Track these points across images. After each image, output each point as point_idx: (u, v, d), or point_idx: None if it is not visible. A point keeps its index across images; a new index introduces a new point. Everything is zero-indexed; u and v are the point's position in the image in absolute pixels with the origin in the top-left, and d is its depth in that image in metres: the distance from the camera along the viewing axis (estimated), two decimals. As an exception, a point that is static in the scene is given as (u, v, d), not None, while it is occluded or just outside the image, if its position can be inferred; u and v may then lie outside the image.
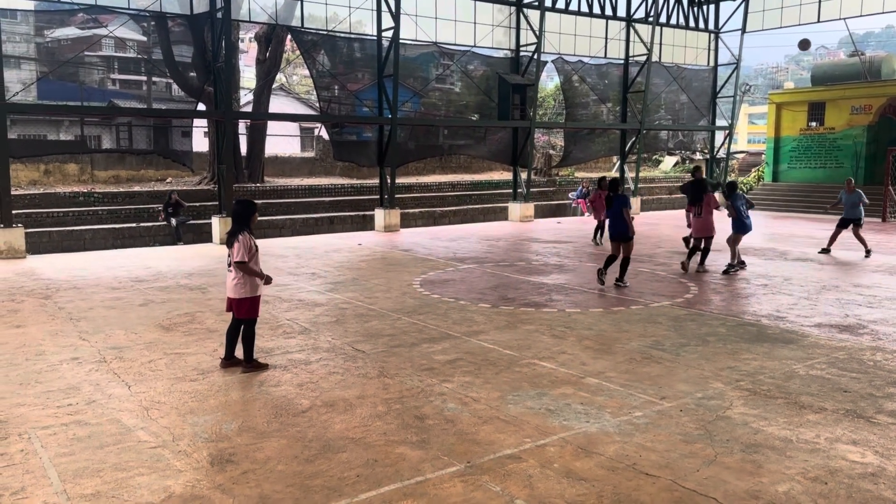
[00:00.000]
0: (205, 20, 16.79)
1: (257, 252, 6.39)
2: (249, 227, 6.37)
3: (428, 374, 6.33)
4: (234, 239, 6.24)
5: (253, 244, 6.30)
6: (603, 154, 28.48)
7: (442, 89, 22.68)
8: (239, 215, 6.41)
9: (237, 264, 6.23)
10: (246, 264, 6.22)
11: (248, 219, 6.40)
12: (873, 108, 25.12)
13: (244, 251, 6.20)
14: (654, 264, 13.02)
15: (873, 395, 5.75)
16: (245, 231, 6.29)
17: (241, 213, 6.42)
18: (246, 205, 6.51)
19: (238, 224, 6.35)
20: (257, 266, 6.39)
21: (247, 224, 6.37)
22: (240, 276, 6.29)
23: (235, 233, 6.28)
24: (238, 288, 6.32)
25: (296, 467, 4.43)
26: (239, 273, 6.29)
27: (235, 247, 6.22)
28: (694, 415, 5.33)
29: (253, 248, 6.29)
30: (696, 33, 27.35)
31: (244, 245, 6.21)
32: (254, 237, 6.39)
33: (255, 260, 6.34)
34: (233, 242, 6.25)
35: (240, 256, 6.20)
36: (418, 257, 14.15)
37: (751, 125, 54.20)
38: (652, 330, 8.02)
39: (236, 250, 6.22)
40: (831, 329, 8.07)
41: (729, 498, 4.00)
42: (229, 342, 6.59)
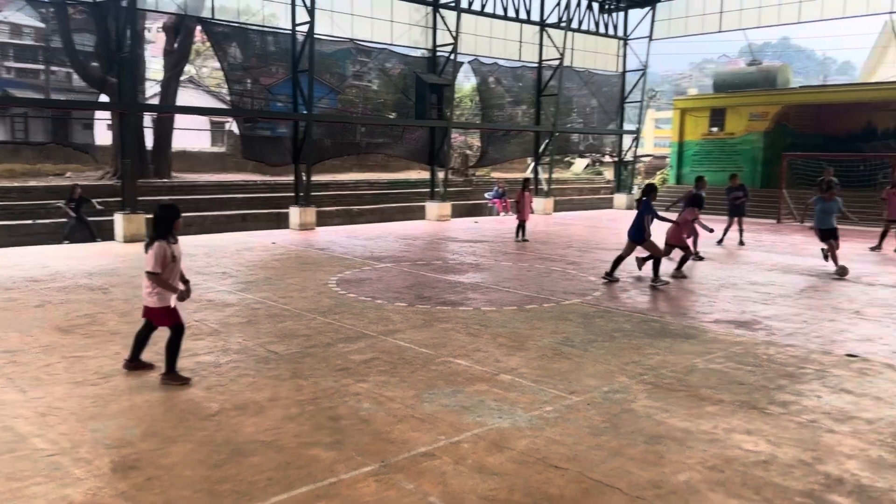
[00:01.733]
0: (109, 8, 16.03)
1: (177, 262, 6.00)
2: (171, 235, 5.96)
3: (343, 375, 6.29)
4: (148, 248, 5.87)
5: (169, 254, 5.89)
6: (518, 155, 29.02)
7: (359, 86, 22.55)
8: (161, 221, 5.96)
9: (148, 275, 5.86)
10: (158, 276, 5.84)
11: (169, 225, 5.95)
12: (769, 115, 26.63)
13: (155, 262, 5.81)
14: (566, 263, 13.37)
15: (766, 387, 6.11)
16: (163, 240, 5.88)
17: (163, 218, 5.96)
18: (168, 210, 6.03)
19: (158, 230, 5.93)
20: (174, 277, 6.00)
21: (168, 231, 5.94)
22: (147, 284, 5.96)
23: (153, 240, 5.88)
24: (148, 296, 5.98)
25: (203, 472, 4.31)
26: (147, 282, 5.96)
27: (149, 255, 5.83)
28: (601, 408, 5.52)
29: (168, 258, 5.88)
30: (605, 40, 28.24)
31: (157, 255, 5.82)
32: (174, 245, 5.98)
33: (171, 270, 5.94)
34: (146, 250, 5.88)
35: (150, 267, 5.83)
36: (335, 256, 14.01)
37: (657, 129, 56.42)
38: (563, 327, 8.24)
39: (149, 259, 5.83)
40: (729, 325, 8.52)
41: (633, 488, 4.17)
42: (136, 344, 6.30)
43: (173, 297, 5.98)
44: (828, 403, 5.70)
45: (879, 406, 5.65)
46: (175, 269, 6.02)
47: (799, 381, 6.31)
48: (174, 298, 5.98)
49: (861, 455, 4.68)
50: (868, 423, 5.26)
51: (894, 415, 5.45)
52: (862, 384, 6.22)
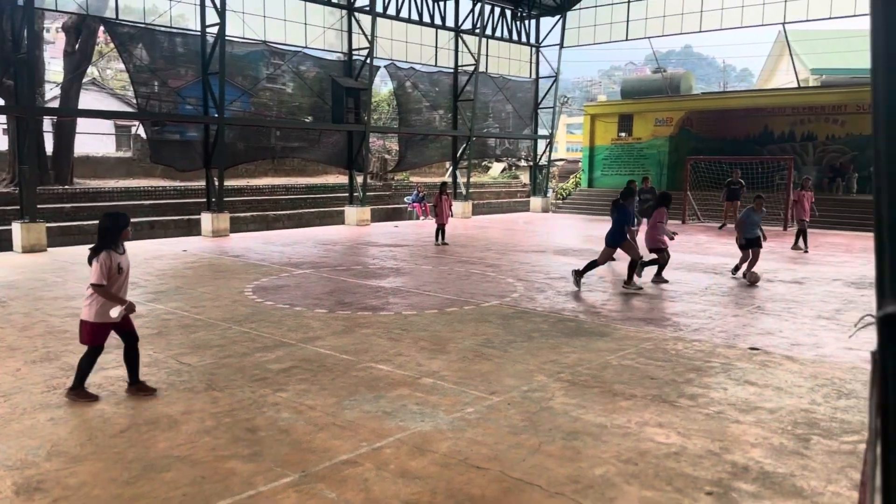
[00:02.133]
0: (4, 7, 15.16)
1: (124, 274, 5.66)
2: (116, 245, 5.62)
3: (261, 385, 6.15)
4: (93, 258, 5.52)
5: (115, 266, 5.55)
6: (437, 159, 29.21)
7: (273, 89, 22.10)
8: (105, 231, 5.61)
9: (93, 286, 5.52)
10: (103, 288, 5.50)
11: (115, 235, 5.62)
12: (674, 120, 27.84)
13: (100, 274, 5.46)
14: (485, 266, 13.54)
15: (675, 381, 6.37)
16: (109, 250, 5.55)
17: (108, 228, 5.61)
18: (114, 219, 5.67)
19: (102, 240, 5.58)
20: (121, 290, 5.65)
21: (113, 241, 5.61)
22: (88, 294, 5.60)
23: (97, 251, 5.53)
24: (84, 308, 5.63)
25: (115, 490, 4.12)
26: (89, 292, 5.59)
27: (93, 267, 5.49)
28: (520, 407, 5.61)
29: (114, 269, 5.54)
30: (519, 46, 28.84)
31: (103, 267, 5.47)
32: (121, 256, 5.65)
33: (117, 283, 5.61)
34: (91, 262, 5.53)
35: (95, 279, 5.49)
36: (250, 263, 13.69)
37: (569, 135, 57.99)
38: (483, 329, 8.34)
39: (93, 271, 5.49)
40: (639, 322, 8.83)
41: (552, 484, 4.27)
42: (127, 364, 5.90)
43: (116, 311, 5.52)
44: (733, 395, 5.99)
45: (780, 396, 5.99)
46: (122, 281, 5.66)
47: (706, 374, 6.61)
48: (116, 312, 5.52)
49: (764, 443, 4.94)
50: (770, 413, 5.56)
51: (794, 404, 5.79)
52: (764, 376, 6.58)
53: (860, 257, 15.26)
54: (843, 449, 4.84)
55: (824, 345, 7.75)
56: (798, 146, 26.51)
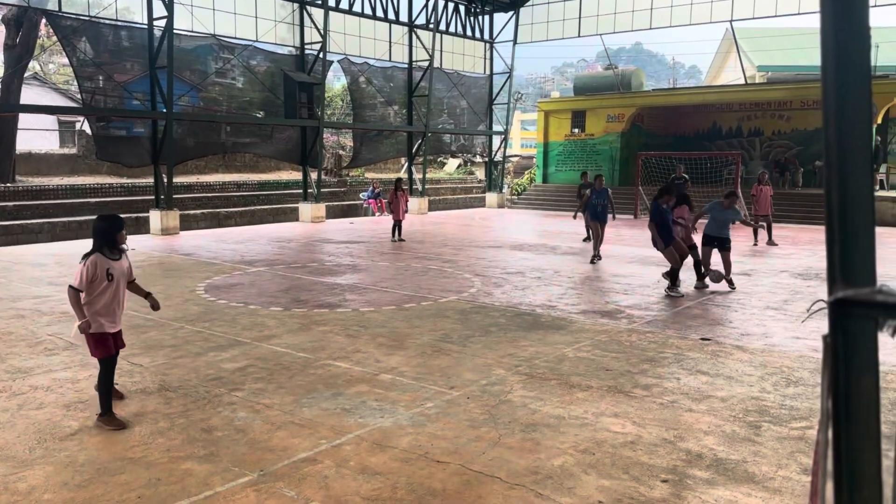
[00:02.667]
0: (-65, -5, 14.53)
1: (115, 281, 5.15)
2: (111, 249, 5.18)
3: (215, 384, 6.05)
4: (82, 259, 5.11)
5: (102, 272, 5.06)
6: (392, 155, 29.11)
7: (223, 84, 21.70)
8: (99, 232, 5.17)
9: (69, 288, 5.09)
10: (75, 293, 5.04)
11: (111, 237, 5.17)
12: (625, 116, 28.28)
13: (79, 277, 5.03)
14: (442, 261, 13.56)
15: (630, 372, 6.49)
16: (100, 254, 5.10)
17: (102, 229, 5.17)
18: (108, 220, 5.24)
19: (95, 243, 5.15)
20: (109, 299, 5.14)
21: (108, 244, 5.16)
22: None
23: (88, 253, 5.12)
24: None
25: (66, 495, 4.01)
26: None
27: (78, 268, 5.08)
28: (479, 401, 5.64)
29: (100, 276, 5.05)
30: (473, 42, 28.90)
31: (86, 270, 5.02)
32: (115, 262, 5.18)
33: (105, 290, 5.10)
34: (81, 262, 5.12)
35: (73, 280, 5.08)
36: (202, 261, 13.43)
37: (523, 131, 58.45)
38: (441, 324, 8.35)
39: (76, 272, 5.07)
40: (594, 315, 8.97)
41: (512, 476, 4.30)
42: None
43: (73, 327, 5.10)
44: (686, 384, 6.13)
45: (731, 385, 6.15)
46: (112, 289, 5.15)
47: (659, 364, 6.75)
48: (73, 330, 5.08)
49: (717, 431, 5.07)
50: (722, 401, 5.71)
51: (745, 392, 5.95)
52: (715, 365, 6.75)
53: (806, 249, 15.77)
54: (792, 435, 5.00)
55: (773, 334, 7.98)
56: (745, 141, 27.24)
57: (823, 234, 1.17)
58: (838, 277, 1.12)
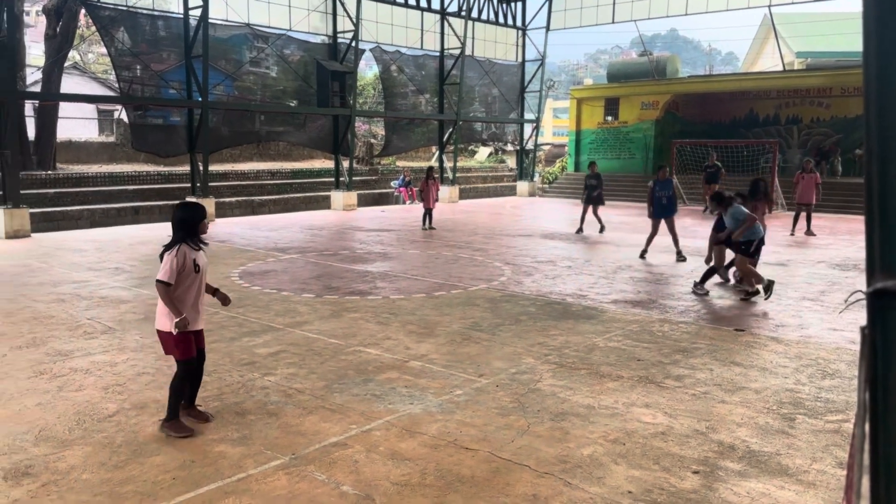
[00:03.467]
0: (-20, -12, 14.86)
1: (201, 273, 4.84)
2: (194, 239, 4.84)
3: (249, 369, 6.14)
4: (165, 251, 4.75)
5: (190, 263, 4.74)
6: (423, 144, 29.11)
7: (257, 73, 21.89)
8: (182, 222, 4.80)
9: (158, 283, 4.70)
10: (167, 287, 4.66)
11: (193, 227, 4.82)
12: (660, 103, 27.87)
13: (169, 270, 4.66)
14: (473, 250, 13.55)
15: (662, 363, 6.43)
16: (184, 244, 4.75)
17: (185, 219, 4.81)
18: (190, 209, 4.89)
19: (178, 233, 4.79)
20: (193, 293, 4.82)
21: (191, 234, 4.82)
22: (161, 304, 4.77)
23: (170, 244, 4.77)
24: (160, 317, 4.80)
25: (104, 475, 4.11)
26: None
27: (164, 261, 4.71)
28: (509, 389, 5.64)
29: (189, 267, 4.73)
30: (505, 30, 28.68)
31: (174, 262, 4.67)
32: (198, 252, 4.84)
33: (192, 284, 4.80)
34: (162, 255, 4.76)
35: (162, 274, 4.67)
36: (236, 248, 13.62)
37: (555, 119, 57.90)
38: (471, 312, 8.36)
39: (162, 265, 4.70)
40: (626, 304, 8.89)
41: (541, 464, 4.30)
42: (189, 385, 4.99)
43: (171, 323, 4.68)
44: (719, 375, 6.06)
45: (766, 376, 6.06)
46: (198, 282, 4.86)
47: (692, 355, 6.67)
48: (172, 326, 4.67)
49: (750, 422, 5.00)
50: (756, 393, 5.63)
51: (779, 384, 5.86)
52: (749, 356, 6.65)
53: (844, 239, 15.42)
54: (827, 428, 4.91)
55: (809, 326, 7.84)
56: (783, 129, 26.64)
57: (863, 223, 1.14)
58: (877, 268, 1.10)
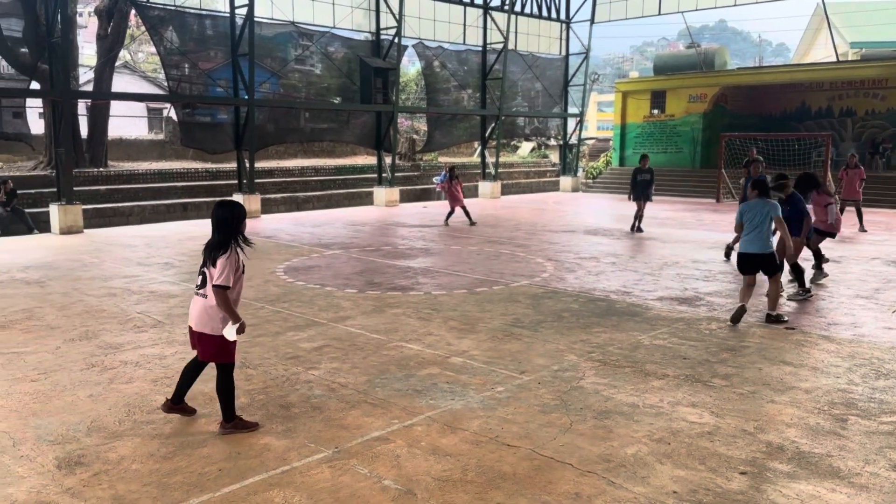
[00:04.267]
0: (37, -9, 15.37)
1: (243, 275, 4.77)
2: (240, 239, 4.69)
3: (293, 363, 6.23)
4: (219, 254, 4.55)
5: (240, 266, 4.65)
6: (465, 139, 29.05)
7: (302, 71, 22.13)
8: (225, 222, 4.64)
9: (217, 288, 4.51)
10: (227, 291, 4.53)
11: (237, 226, 4.66)
12: (708, 96, 27.30)
13: (229, 273, 4.52)
14: (514, 246, 13.49)
15: (709, 361, 6.30)
16: (235, 245, 4.62)
17: (228, 218, 4.65)
18: (233, 208, 4.74)
19: (223, 233, 4.61)
20: (239, 295, 4.75)
21: (236, 234, 4.64)
22: (212, 305, 4.58)
23: (220, 245, 4.57)
24: (205, 319, 4.62)
25: (152, 465, 4.22)
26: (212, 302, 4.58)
27: (219, 264, 4.52)
28: (551, 386, 5.60)
29: (241, 269, 4.68)
30: (549, 23, 28.41)
31: (232, 264, 4.55)
32: (242, 252, 4.71)
33: (240, 286, 4.74)
34: (215, 258, 4.55)
35: (223, 279, 4.51)
36: (281, 244, 13.82)
37: (600, 113, 57.27)
38: (512, 308, 8.32)
39: (219, 269, 4.51)
40: (672, 302, 8.74)
41: (583, 462, 4.26)
42: (183, 381, 4.93)
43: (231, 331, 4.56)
44: (768, 375, 5.91)
45: (816, 376, 5.89)
46: (242, 282, 4.76)
47: (740, 354, 6.52)
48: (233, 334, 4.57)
49: (800, 423, 4.87)
50: (806, 393, 5.47)
51: (830, 384, 5.69)
52: (800, 355, 6.47)
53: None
54: (881, 430, 4.75)
55: (862, 324, 7.59)
56: (836, 122, 25.86)
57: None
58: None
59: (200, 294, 4.66)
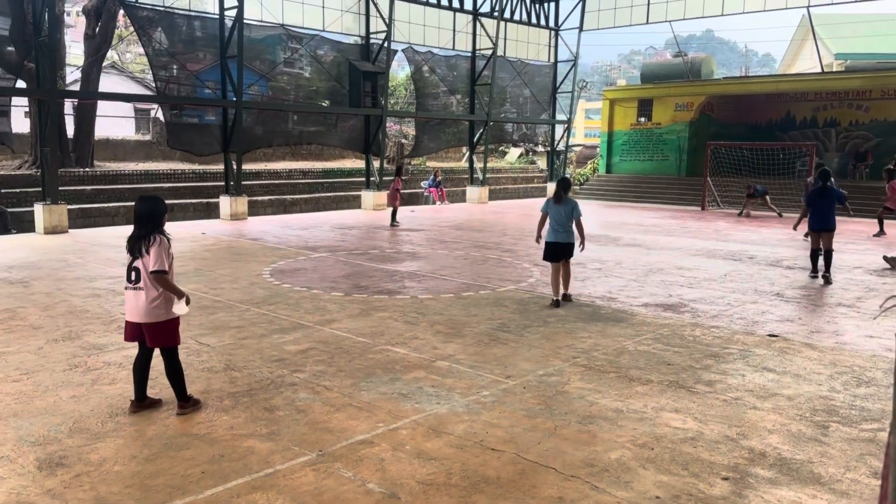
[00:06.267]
0: (24, -11, 15.27)
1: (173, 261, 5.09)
2: (163, 230, 5.05)
3: (278, 366, 6.21)
4: (148, 243, 4.87)
5: (172, 253, 5.00)
6: (453, 144, 29.12)
7: (290, 73, 22.10)
8: (149, 215, 4.98)
9: (156, 274, 4.83)
10: (166, 275, 4.88)
11: (160, 219, 5.03)
12: (694, 105, 27.52)
13: (164, 259, 4.85)
14: (501, 251, 13.52)
15: (693, 367, 6.34)
16: (161, 234, 4.96)
17: (152, 211, 5.00)
18: (156, 202, 5.09)
19: (147, 226, 4.95)
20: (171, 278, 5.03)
21: (159, 226, 5.01)
22: (157, 293, 4.89)
23: (146, 236, 4.90)
24: (155, 309, 4.91)
25: (135, 467, 4.19)
26: (156, 289, 4.88)
27: (153, 252, 4.83)
28: (536, 391, 5.62)
29: (172, 254, 5.01)
30: (538, 30, 28.56)
31: (164, 250, 4.88)
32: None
33: (173, 272, 5.07)
34: (146, 248, 4.86)
35: (159, 265, 4.83)
36: (268, 246, 13.77)
37: (587, 120, 57.51)
38: (499, 313, 8.34)
39: (154, 257, 4.83)
40: (657, 308, 8.79)
41: (567, 467, 4.27)
42: (139, 378, 5.13)
43: (181, 306, 4.94)
44: (751, 381, 5.96)
45: (799, 383, 5.95)
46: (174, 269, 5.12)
47: (723, 360, 6.57)
48: (182, 308, 4.95)
49: (782, 430, 4.91)
50: (788, 400, 5.52)
51: (812, 391, 5.75)
52: (783, 362, 6.53)
53: (881, 244, 15.06)
54: (862, 437, 4.80)
55: (844, 332, 7.67)
56: (821, 132, 26.12)
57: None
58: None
59: (137, 288, 4.93)
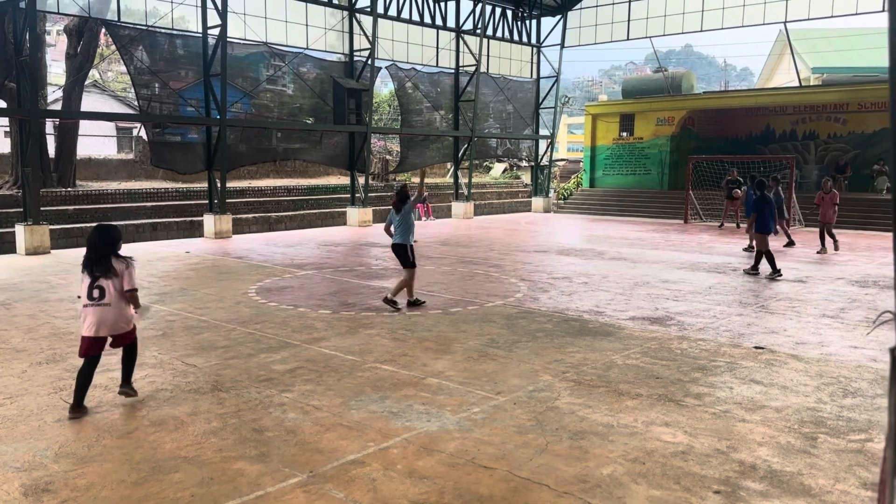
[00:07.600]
0: (6, 9, 15.19)
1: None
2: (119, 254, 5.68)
3: (266, 385, 6.16)
4: (117, 266, 5.48)
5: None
6: (438, 160, 29.20)
7: (274, 91, 22.12)
8: (108, 242, 5.59)
9: (132, 292, 5.52)
10: (136, 292, 5.59)
11: (116, 244, 5.66)
12: (675, 119, 27.82)
13: (135, 278, 5.57)
14: (488, 266, 13.54)
15: (681, 380, 6.37)
16: (128, 257, 5.61)
17: (111, 238, 5.62)
18: (116, 229, 5.77)
19: (107, 251, 5.54)
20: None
21: (117, 250, 5.62)
22: (123, 307, 5.52)
23: (108, 259, 5.48)
24: (121, 321, 5.54)
25: (123, 491, 4.13)
26: (126, 304, 5.54)
27: (128, 274, 5.50)
28: (526, 407, 5.61)
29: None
30: (520, 47, 28.83)
31: (133, 272, 5.56)
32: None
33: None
34: (112, 270, 5.45)
35: (134, 283, 5.54)
36: (253, 264, 13.70)
37: (570, 134, 57.90)
38: (487, 329, 8.34)
39: (128, 278, 5.49)
40: (644, 321, 8.83)
41: (560, 483, 4.27)
42: (81, 388, 5.50)
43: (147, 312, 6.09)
44: (739, 394, 5.99)
45: (786, 394, 5.99)
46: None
47: (711, 373, 6.61)
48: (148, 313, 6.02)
49: (771, 442, 4.94)
50: (777, 412, 5.56)
51: (800, 403, 5.79)
52: (770, 374, 6.58)
53: (864, 256, 15.26)
54: (850, 447, 4.84)
55: (829, 343, 7.75)
56: (800, 145, 26.49)
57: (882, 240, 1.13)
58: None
59: (103, 304, 5.45)
